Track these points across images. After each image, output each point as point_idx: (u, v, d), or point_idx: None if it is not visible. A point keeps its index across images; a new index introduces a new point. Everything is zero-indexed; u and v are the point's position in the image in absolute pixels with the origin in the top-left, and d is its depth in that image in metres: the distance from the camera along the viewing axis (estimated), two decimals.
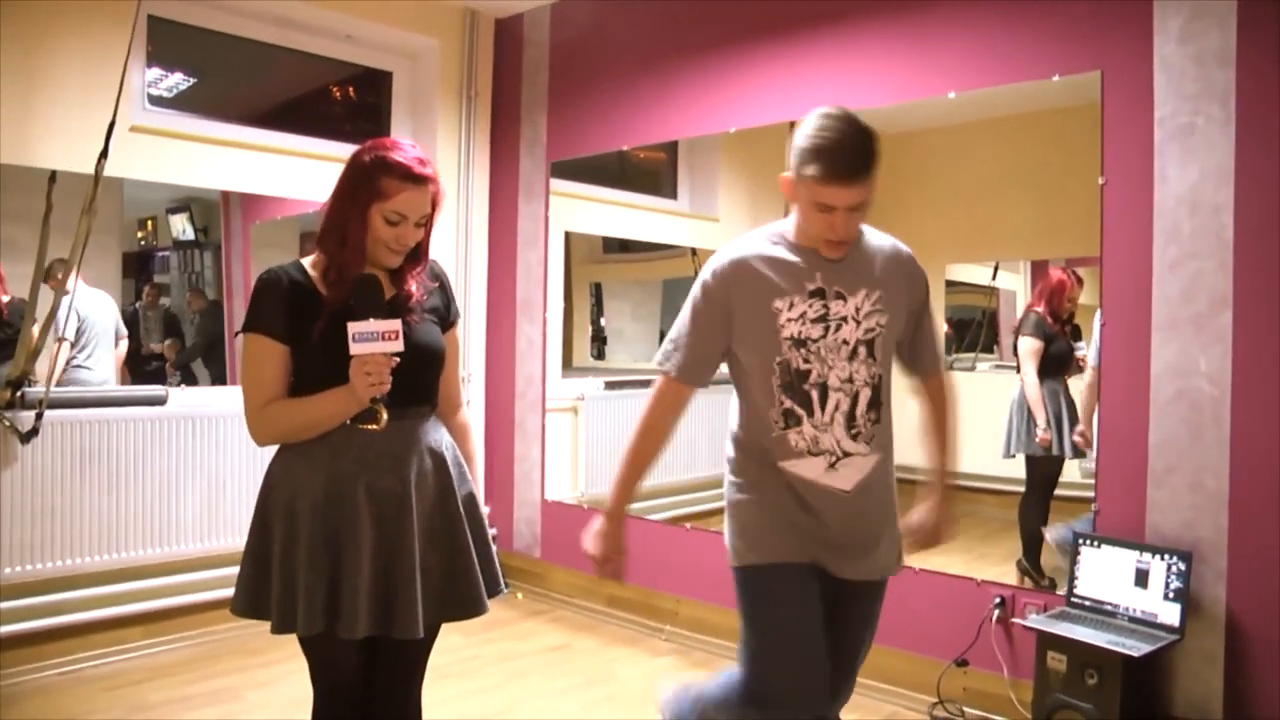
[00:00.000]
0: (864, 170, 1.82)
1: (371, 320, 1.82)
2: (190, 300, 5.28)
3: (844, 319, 1.92)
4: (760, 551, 1.97)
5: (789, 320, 1.91)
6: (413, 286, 1.98)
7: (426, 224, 1.95)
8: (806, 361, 1.91)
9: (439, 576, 1.94)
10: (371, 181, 1.86)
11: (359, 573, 1.84)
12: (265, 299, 1.88)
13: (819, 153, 1.81)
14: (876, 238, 2.04)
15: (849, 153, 1.81)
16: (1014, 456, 3.92)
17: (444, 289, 2.09)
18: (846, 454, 1.94)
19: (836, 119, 1.84)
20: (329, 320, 1.86)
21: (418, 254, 2.00)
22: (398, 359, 1.84)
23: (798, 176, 1.87)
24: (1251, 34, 2.77)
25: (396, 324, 1.84)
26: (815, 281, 1.92)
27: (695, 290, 2.01)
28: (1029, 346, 3.84)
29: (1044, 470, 3.84)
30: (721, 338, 1.98)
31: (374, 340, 1.81)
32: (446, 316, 2.07)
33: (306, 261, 1.95)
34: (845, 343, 1.91)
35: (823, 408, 1.92)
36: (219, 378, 4.99)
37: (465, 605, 1.96)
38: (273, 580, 1.86)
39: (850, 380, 1.92)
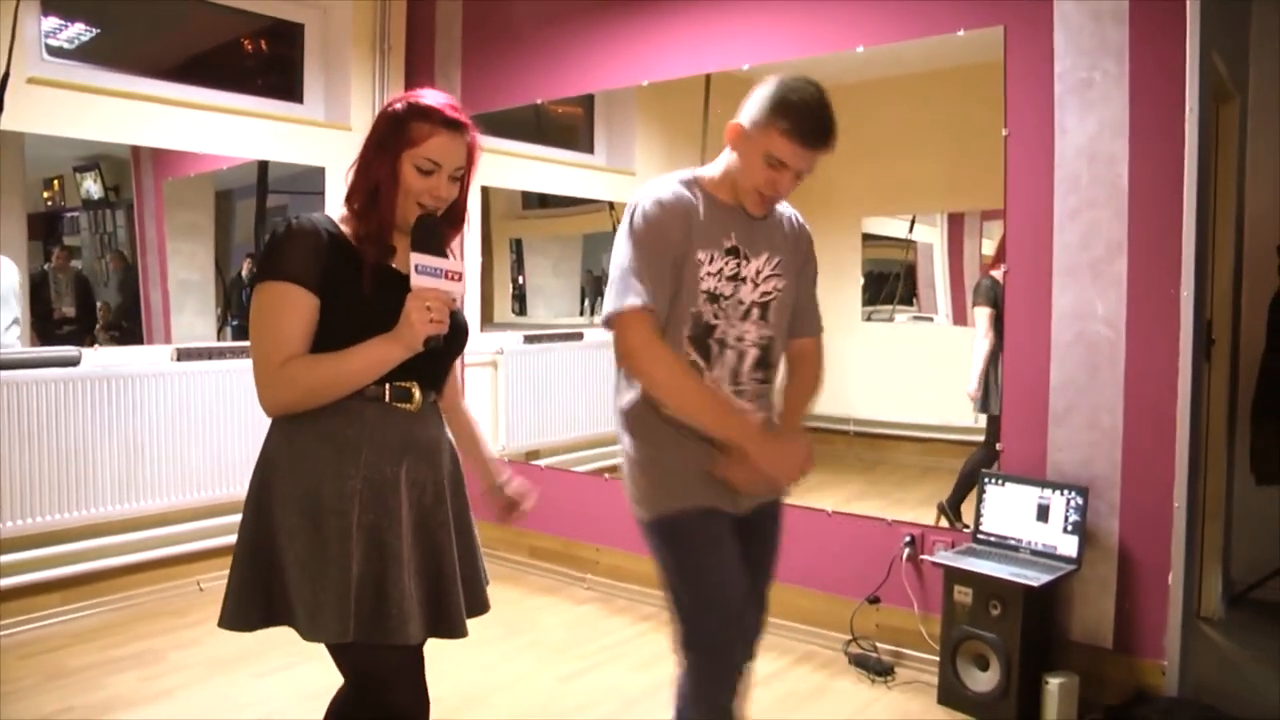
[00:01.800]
0: (829, 141, 1.87)
1: (434, 255, 1.66)
2: (112, 262, 5.15)
3: (744, 280, 1.95)
4: (671, 499, 1.94)
5: (708, 274, 1.91)
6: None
7: (463, 180, 1.78)
8: (716, 317, 1.93)
9: (462, 573, 1.81)
10: (402, 128, 1.69)
11: (406, 572, 1.68)
12: (296, 246, 1.66)
13: (797, 108, 1.82)
14: (782, 206, 2.07)
15: (826, 120, 1.85)
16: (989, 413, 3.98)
17: None
18: None
19: (814, 83, 1.87)
20: (370, 278, 1.68)
21: (456, 217, 1.82)
22: (456, 303, 1.70)
23: (760, 126, 1.85)
24: None
25: (462, 265, 1.69)
26: (731, 239, 1.93)
27: (637, 219, 1.88)
28: (983, 315, 3.87)
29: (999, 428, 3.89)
30: (673, 264, 1.89)
31: (437, 276, 1.64)
32: None
33: (335, 217, 1.75)
34: (741, 303, 1.94)
35: (721, 363, 1.95)
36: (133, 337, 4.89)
37: (479, 603, 1.86)
38: (315, 581, 1.65)
39: (741, 339, 1.95)
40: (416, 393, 1.74)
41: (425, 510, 1.75)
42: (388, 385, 1.71)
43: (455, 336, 1.80)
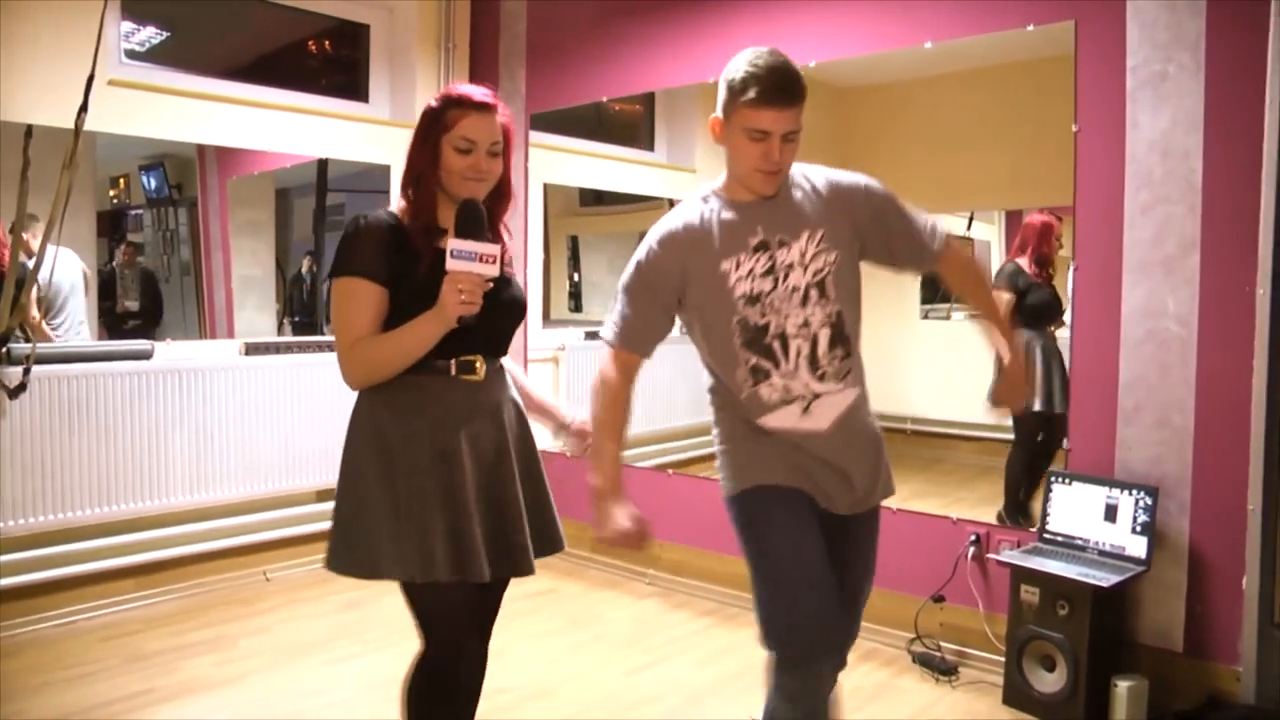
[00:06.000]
0: (798, 93, 1.86)
1: (470, 240, 1.82)
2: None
3: (791, 266, 1.93)
4: (754, 476, 1.98)
5: (739, 279, 1.92)
6: (506, 237, 2.02)
7: (502, 154, 1.96)
8: (763, 315, 1.92)
9: (532, 518, 2.02)
10: (438, 119, 1.91)
11: (474, 520, 1.90)
12: (364, 242, 1.89)
13: (754, 78, 1.84)
14: (805, 176, 2.02)
15: (783, 76, 1.85)
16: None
17: None
18: (817, 395, 1.95)
19: (768, 51, 1.89)
20: (428, 261, 1.87)
21: (503, 194, 2.02)
22: (492, 284, 1.85)
23: (730, 109, 1.89)
24: None
25: (496, 248, 1.84)
26: (757, 235, 1.93)
27: (637, 259, 2.00)
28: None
29: (1028, 423, 3.88)
30: (663, 307, 1.99)
31: (471, 260, 1.80)
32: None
33: (396, 210, 1.97)
34: (796, 289, 1.92)
35: (786, 356, 1.93)
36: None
37: (552, 542, 2.08)
38: (404, 532, 1.87)
39: (806, 324, 1.93)
40: (480, 365, 1.95)
41: (488, 468, 1.96)
42: (454, 360, 1.92)
43: (518, 309, 2.05)
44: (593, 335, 5.09)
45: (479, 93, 1.94)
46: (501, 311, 1.95)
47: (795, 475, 1.97)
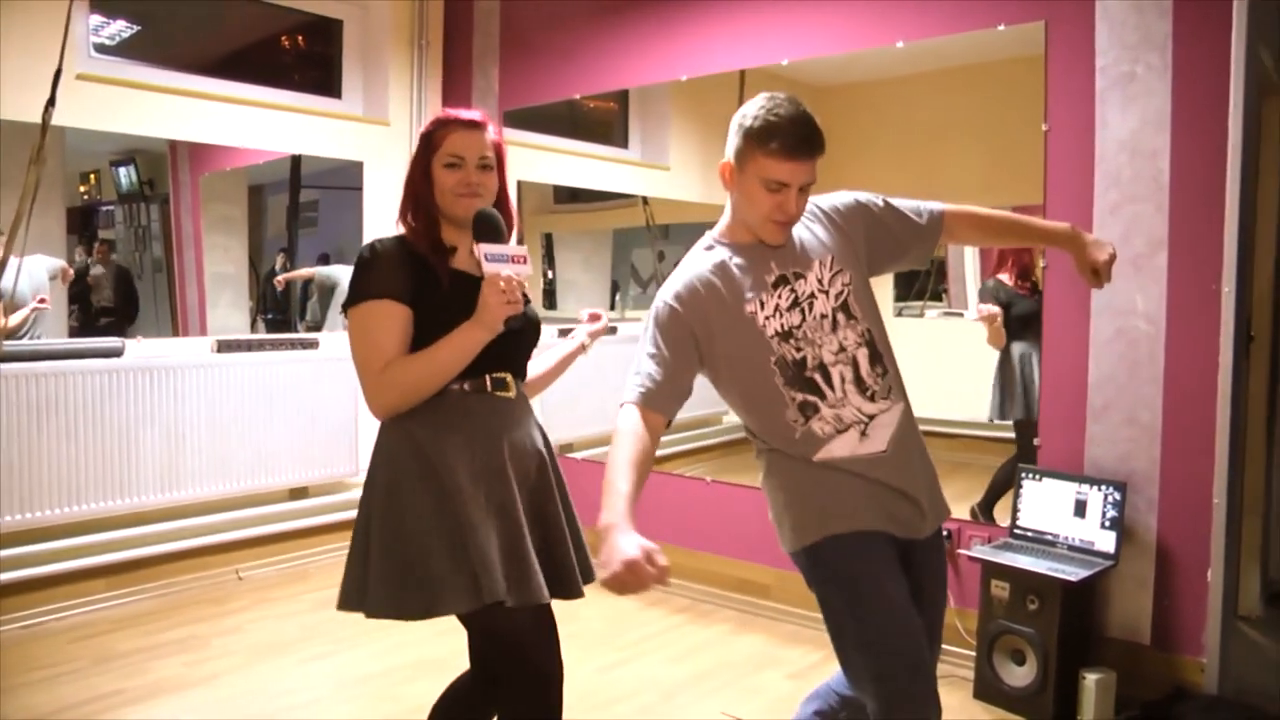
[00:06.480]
0: (819, 146, 1.83)
1: (499, 244, 1.82)
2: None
3: (813, 295, 1.91)
4: (826, 525, 1.88)
5: (768, 318, 1.89)
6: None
7: (494, 169, 1.95)
8: (799, 350, 1.89)
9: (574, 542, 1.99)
10: (427, 141, 1.93)
11: (527, 537, 1.85)
12: (382, 265, 1.85)
13: (776, 129, 1.80)
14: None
15: (807, 128, 1.82)
16: (1008, 420, 3.95)
17: None
18: (871, 417, 1.90)
19: (787, 99, 1.85)
20: (444, 274, 1.86)
21: (501, 210, 1.95)
22: (525, 284, 1.84)
23: (746, 157, 1.85)
24: None
25: (525, 249, 1.83)
26: (773, 272, 1.91)
27: (654, 317, 1.93)
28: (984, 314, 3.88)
29: (1031, 433, 3.87)
30: (686, 364, 1.90)
31: (504, 261, 1.79)
32: None
33: (401, 232, 1.95)
34: (824, 316, 1.90)
35: (830, 385, 1.89)
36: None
37: (588, 572, 1.98)
38: (463, 558, 1.79)
39: (842, 349, 1.90)
40: (511, 381, 1.93)
41: (533, 485, 1.93)
42: (488, 377, 1.89)
43: (538, 329, 2.01)
44: (567, 333, 5.08)
45: (467, 113, 1.95)
46: (525, 336, 1.96)
47: (869, 513, 1.89)
